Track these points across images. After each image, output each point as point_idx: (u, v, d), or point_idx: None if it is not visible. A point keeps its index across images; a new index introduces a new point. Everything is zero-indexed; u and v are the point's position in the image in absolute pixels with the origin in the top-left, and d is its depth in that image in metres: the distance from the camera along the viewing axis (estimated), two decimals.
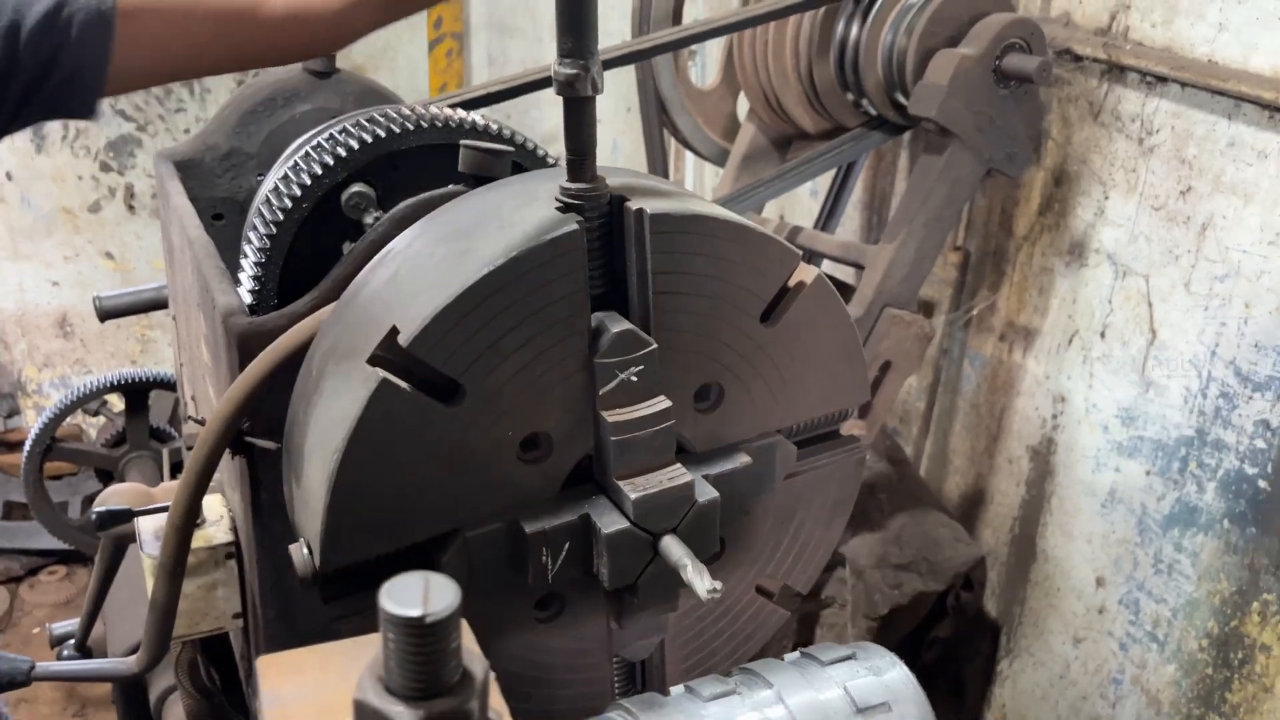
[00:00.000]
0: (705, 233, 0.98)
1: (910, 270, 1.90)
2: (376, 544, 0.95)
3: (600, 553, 0.97)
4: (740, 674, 0.80)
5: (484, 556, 0.98)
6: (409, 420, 0.92)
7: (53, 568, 3.39)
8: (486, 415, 0.94)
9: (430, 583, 0.46)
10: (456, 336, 0.90)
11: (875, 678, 0.77)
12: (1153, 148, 1.89)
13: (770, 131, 2.28)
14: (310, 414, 0.98)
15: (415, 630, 0.45)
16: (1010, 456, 2.33)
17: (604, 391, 0.97)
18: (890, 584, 2.07)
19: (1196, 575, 1.89)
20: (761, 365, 1.07)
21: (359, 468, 0.91)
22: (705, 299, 1.01)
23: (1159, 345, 1.92)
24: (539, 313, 0.93)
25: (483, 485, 0.97)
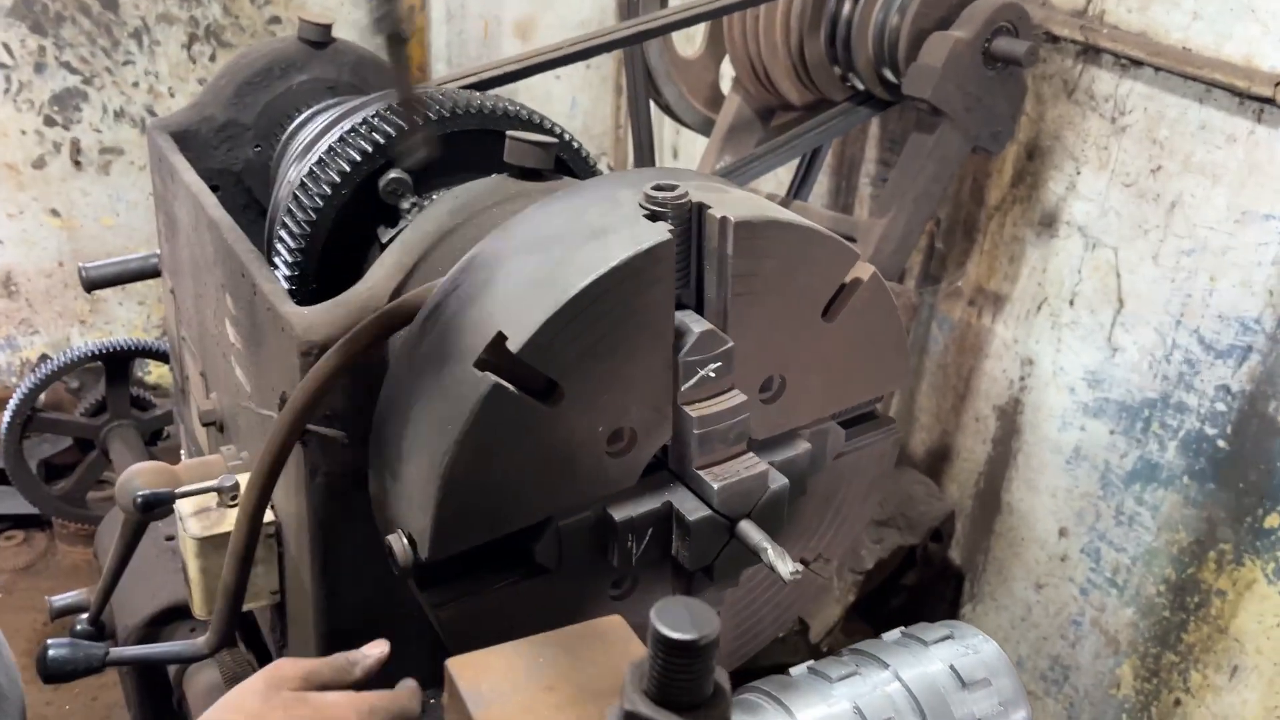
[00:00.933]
0: (779, 237, 1.05)
1: (900, 243, 1.99)
2: (479, 534, 1.01)
3: (682, 537, 1.04)
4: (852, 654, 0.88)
5: (574, 542, 1.05)
6: (514, 420, 0.97)
7: (10, 533, 3.33)
8: (581, 413, 1.00)
9: (693, 609, 0.52)
10: (559, 342, 0.95)
11: (975, 656, 0.86)
12: (1125, 127, 2.00)
13: (755, 102, 2.33)
14: (408, 413, 1.03)
15: (688, 651, 0.51)
16: (977, 415, 2.46)
17: (686, 387, 1.03)
18: (873, 539, 2.19)
19: (1156, 526, 2.05)
20: (819, 356, 1.14)
21: (467, 465, 0.96)
22: (775, 297, 1.07)
23: (1126, 313, 2.05)
24: (632, 317, 0.99)
25: (575, 477, 1.03)
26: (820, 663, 0.88)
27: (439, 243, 1.27)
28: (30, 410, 2.28)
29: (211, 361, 1.73)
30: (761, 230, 1.02)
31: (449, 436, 0.95)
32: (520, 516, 1.02)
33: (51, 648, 1.15)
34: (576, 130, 3.94)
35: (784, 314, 1.09)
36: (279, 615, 1.60)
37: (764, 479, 1.05)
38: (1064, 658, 2.30)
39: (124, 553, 1.70)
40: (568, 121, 3.89)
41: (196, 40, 3.34)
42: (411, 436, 1.01)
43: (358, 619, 1.43)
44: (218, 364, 1.68)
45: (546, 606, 1.06)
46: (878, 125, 2.63)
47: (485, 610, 1.04)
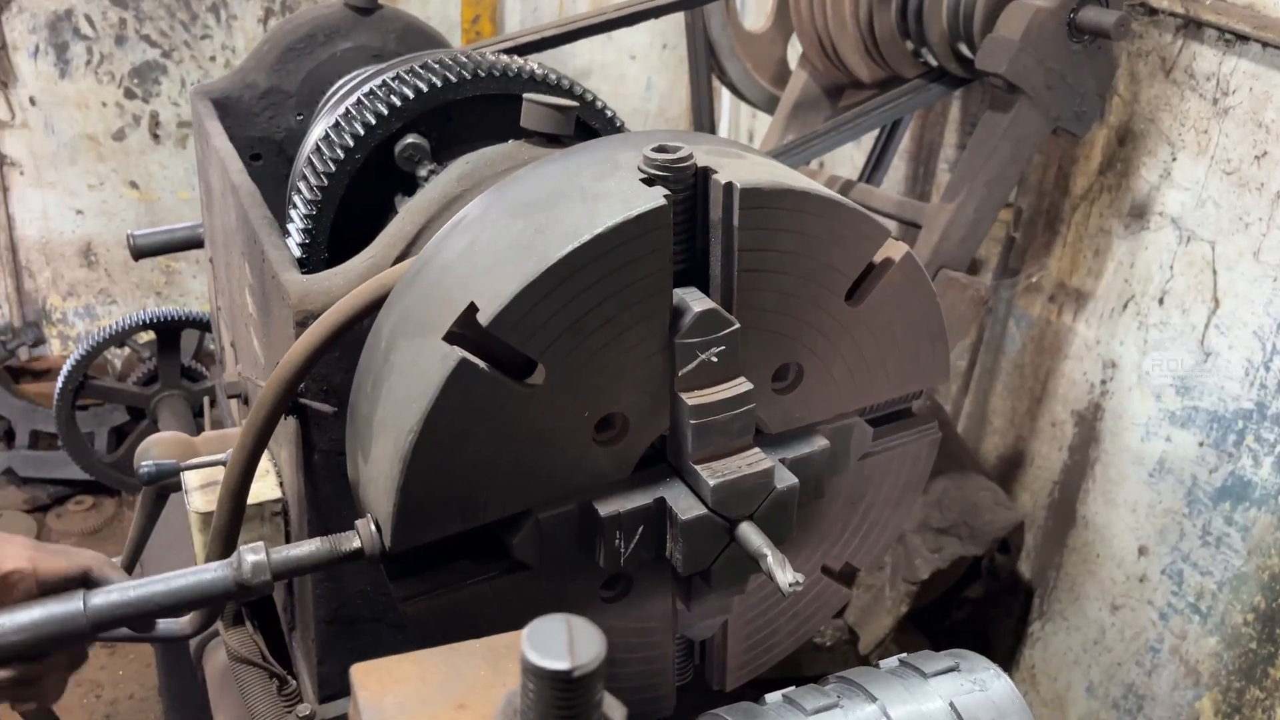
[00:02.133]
0: (795, 208, 0.93)
1: (969, 231, 1.84)
2: (448, 524, 0.93)
3: (675, 538, 0.94)
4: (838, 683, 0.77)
5: (555, 537, 0.96)
6: (486, 400, 0.88)
7: (80, 497, 3.40)
8: (564, 395, 0.91)
9: (574, 629, 0.43)
10: (537, 316, 0.86)
11: (981, 693, 0.74)
12: (1227, 109, 1.81)
13: (822, 79, 2.20)
14: (379, 388, 0.95)
15: (562, 684, 0.42)
16: (1054, 420, 2.29)
17: (683, 372, 0.93)
18: (931, 548, 2.05)
19: (1246, 550, 1.86)
20: (842, 344, 1.03)
21: (433, 448, 0.88)
22: (790, 276, 0.96)
23: (1222, 314, 1.86)
24: (621, 291, 0.89)
25: (557, 466, 0.94)
26: (798, 691, 0.77)
27: (443, 210, 1.19)
28: (83, 377, 2.29)
29: (239, 332, 1.69)
30: (773, 199, 0.91)
31: (414, 415, 0.87)
32: (495, 506, 0.94)
33: None
34: (651, 112, 3.84)
35: (802, 294, 0.98)
36: (290, 595, 1.55)
37: (768, 477, 0.94)
38: (1139, 686, 2.12)
39: (144, 523, 1.68)
40: (642, 103, 3.80)
41: (273, 14, 3.34)
42: (381, 414, 0.93)
43: (359, 608, 1.37)
44: (242, 335, 1.64)
45: (526, 607, 0.96)
46: (958, 108, 2.47)
47: (458, 607, 0.95)
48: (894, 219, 1.98)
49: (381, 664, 0.63)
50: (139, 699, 2.79)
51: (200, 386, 2.42)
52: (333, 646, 1.38)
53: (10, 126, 3.24)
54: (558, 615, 0.43)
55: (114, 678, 2.86)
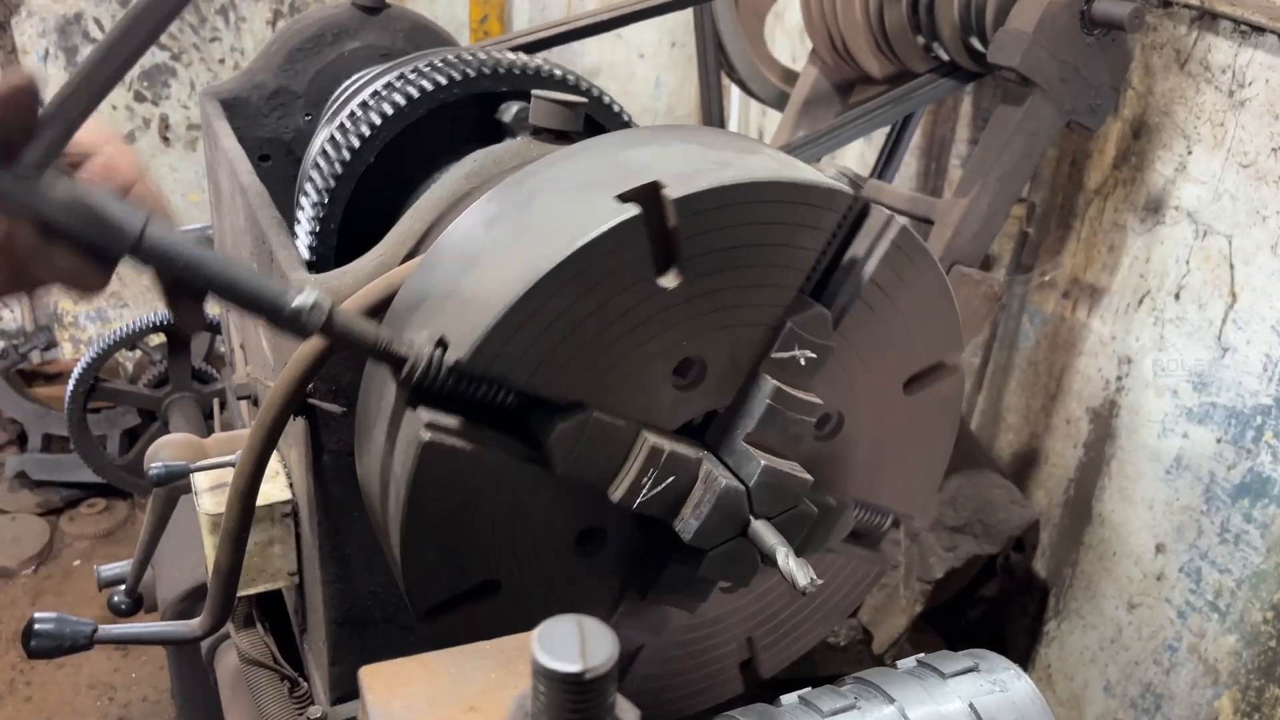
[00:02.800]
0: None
1: (982, 227, 1.83)
2: (516, 375, 0.89)
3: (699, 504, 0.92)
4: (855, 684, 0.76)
5: (595, 443, 0.91)
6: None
7: (92, 500, 3.41)
8: (686, 309, 0.90)
9: (585, 630, 0.42)
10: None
11: (1002, 693, 0.73)
12: (1244, 101, 1.79)
13: (832, 75, 2.18)
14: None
15: (574, 686, 0.41)
16: (1069, 417, 2.27)
17: (777, 354, 0.92)
18: (945, 547, 2.04)
19: (1265, 547, 1.84)
20: (884, 425, 1.02)
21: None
22: (886, 326, 0.96)
23: (1239, 309, 1.84)
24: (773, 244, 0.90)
25: (629, 378, 0.91)
26: (815, 692, 0.76)
27: (451, 208, 1.18)
28: (94, 380, 2.29)
29: (248, 334, 1.69)
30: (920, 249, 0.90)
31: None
32: (561, 385, 0.89)
33: (38, 622, 1.11)
34: (661, 110, 3.82)
35: (873, 359, 0.98)
36: (300, 597, 1.54)
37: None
38: (1157, 685, 2.10)
39: (155, 526, 1.67)
40: (652, 102, 3.78)
41: (281, 16, 3.34)
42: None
43: (369, 609, 1.36)
44: (251, 336, 1.64)
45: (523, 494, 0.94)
46: (970, 103, 2.45)
47: (476, 461, 0.92)
48: (906, 215, 1.96)
49: (390, 666, 0.62)
50: (152, 701, 2.79)
51: (211, 389, 2.42)
52: (344, 648, 1.37)
53: None
54: (569, 616, 0.42)
55: (127, 680, 2.87)
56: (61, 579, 3.17)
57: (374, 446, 0.96)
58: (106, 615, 1.81)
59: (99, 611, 3.04)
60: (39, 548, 3.20)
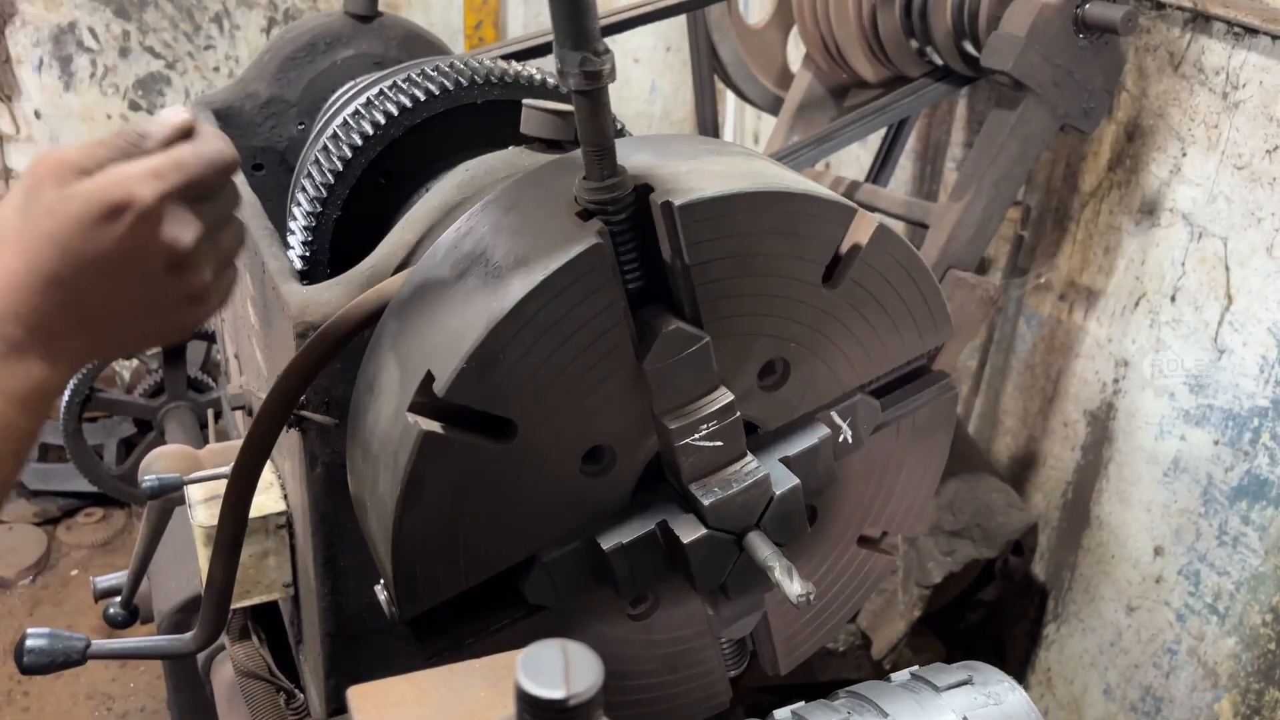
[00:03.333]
0: (743, 211, 0.90)
1: (977, 231, 1.82)
2: (452, 585, 0.91)
3: (684, 559, 0.92)
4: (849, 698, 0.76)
5: (566, 575, 0.94)
6: (463, 463, 0.86)
7: (89, 510, 3.40)
8: (543, 442, 0.89)
9: (570, 655, 0.41)
10: (494, 376, 0.85)
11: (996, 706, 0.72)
12: (1238, 103, 1.79)
13: (826, 80, 2.18)
14: (367, 451, 0.94)
15: (558, 714, 0.40)
16: (1066, 420, 2.27)
17: (659, 396, 0.91)
18: (943, 551, 2.03)
19: (1264, 549, 1.84)
20: (827, 329, 1.00)
21: (418, 520, 0.87)
22: (755, 277, 0.93)
23: (1235, 311, 1.84)
24: (576, 333, 0.86)
25: (551, 508, 0.92)
26: (807, 707, 0.75)
27: (444, 218, 1.17)
28: (89, 390, 2.29)
29: (242, 344, 1.68)
30: (716, 208, 0.88)
31: (392, 491, 0.86)
32: (497, 560, 0.92)
33: (30, 638, 1.10)
34: (655, 115, 3.82)
35: (773, 291, 0.95)
36: (296, 608, 1.54)
37: (765, 486, 0.92)
38: (1157, 689, 2.10)
39: (150, 537, 1.67)
40: (646, 106, 3.78)
41: (275, 24, 3.34)
42: (370, 475, 0.92)
43: (365, 621, 1.35)
44: (245, 346, 1.64)
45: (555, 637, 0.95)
46: (964, 107, 2.45)
47: (486, 654, 0.94)
48: (901, 219, 1.96)
49: (379, 686, 0.62)
50: (150, 711, 2.78)
51: (207, 398, 2.42)
52: (339, 660, 1.36)
53: (15, 140, 3.25)
54: (554, 641, 0.42)
55: (125, 690, 2.86)
56: (59, 588, 3.17)
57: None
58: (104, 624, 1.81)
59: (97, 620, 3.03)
60: (36, 557, 3.19)
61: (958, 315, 1.85)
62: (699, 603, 1.06)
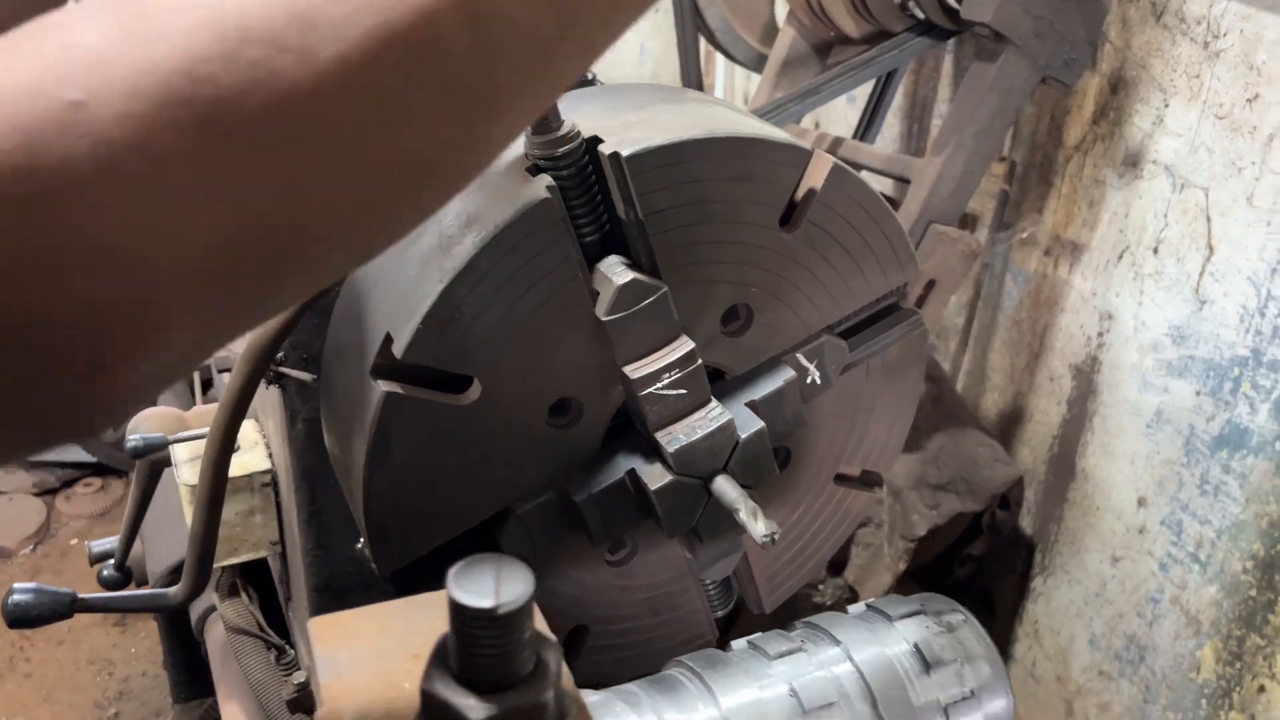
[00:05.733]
0: (693, 158, 0.90)
1: (958, 185, 1.82)
2: (427, 540, 0.93)
3: (654, 505, 0.94)
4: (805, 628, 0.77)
5: (541, 526, 0.96)
6: (427, 422, 0.88)
7: (88, 480, 3.43)
8: (506, 396, 0.90)
9: (501, 568, 0.43)
10: (451, 334, 0.86)
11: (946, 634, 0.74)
12: (1219, 52, 1.78)
13: (809, 36, 2.17)
14: (338, 409, 0.95)
15: (487, 622, 0.42)
16: (1052, 374, 2.28)
17: (620, 347, 0.92)
18: (928, 504, 2.05)
19: (1244, 497, 1.85)
20: (789, 272, 1.01)
21: (388, 479, 0.88)
22: (711, 224, 0.94)
23: (1216, 261, 1.84)
24: (531, 289, 0.87)
25: (521, 461, 0.93)
26: (763, 636, 0.77)
27: None
28: None
29: None
30: (664, 156, 0.88)
31: (360, 452, 0.87)
32: (471, 514, 0.94)
33: (15, 592, 1.12)
34: (646, 77, 3.81)
35: (729, 238, 0.96)
36: (284, 566, 1.56)
37: (729, 430, 0.94)
38: (1140, 637, 2.12)
39: (139, 499, 1.69)
40: (636, 69, 3.76)
41: None
42: (343, 434, 0.94)
43: (350, 576, 1.37)
44: None
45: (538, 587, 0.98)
46: (950, 63, 2.44)
47: None
48: (883, 174, 1.96)
49: (340, 617, 0.63)
50: (151, 675, 2.82)
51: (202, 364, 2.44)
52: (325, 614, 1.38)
53: None
54: (487, 555, 0.43)
55: (126, 655, 2.90)
56: (59, 558, 3.20)
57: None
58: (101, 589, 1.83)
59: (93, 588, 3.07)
60: (36, 527, 3.22)
61: (941, 269, 1.86)
62: (677, 547, 1.08)
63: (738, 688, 0.69)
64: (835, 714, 0.66)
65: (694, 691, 0.70)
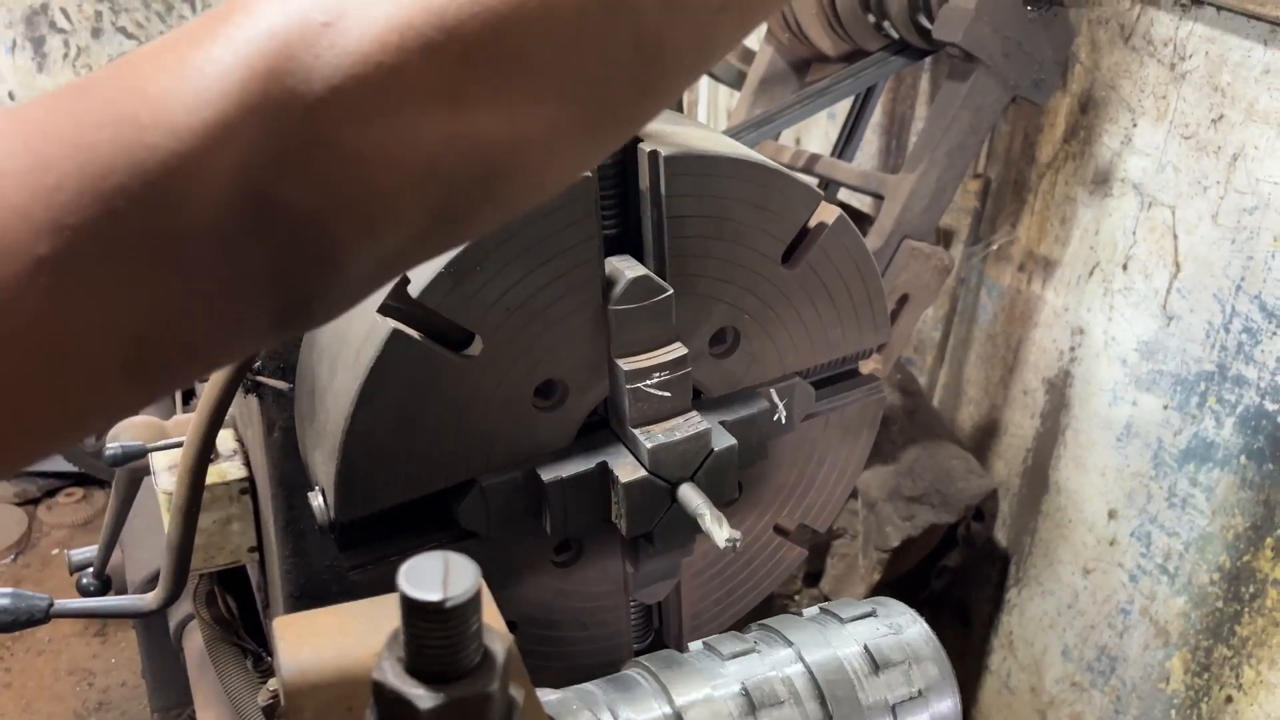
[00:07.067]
0: (724, 174, 0.95)
1: (931, 201, 1.86)
2: (392, 494, 0.95)
3: (619, 500, 0.96)
4: (759, 630, 0.80)
5: (501, 504, 0.98)
6: (422, 371, 0.90)
7: (69, 490, 3.43)
8: (501, 364, 0.93)
9: (450, 564, 0.45)
10: (468, 287, 0.88)
11: (895, 636, 0.76)
12: (1185, 73, 1.83)
13: (787, 54, 2.21)
14: (321, 359, 0.97)
15: (435, 615, 0.44)
16: (1025, 388, 2.31)
17: (618, 339, 0.95)
18: (902, 516, 2.08)
19: (1210, 510, 1.89)
20: (780, 308, 1.05)
21: (372, 419, 0.90)
22: (722, 242, 0.98)
23: (1183, 278, 1.88)
24: (551, 260, 0.90)
25: (498, 433, 0.96)
26: (718, 638, 0.79)
27: None
28: None
29: None
30: (700, 166, 0.93)
31: (352, 385, 0.89)
32: (439, 476, 0.96)
33: None
34: None
35: (735, 259, 1.00)
36: (263, 573, 1.57)
37: (705, 439, 0.96)
38: (1111, 648, 2.15)
39: (119, 508, 1.70)
40: None
41: None
42: (322, 384, 0.96)
43: (326, 583, 1.39)
44: None
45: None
46: (928, 81, 2.48)
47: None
48: (858, 190, 1.99)
49: (304, 616, 0.65)
50: (130, 686, 2.82)
51: None
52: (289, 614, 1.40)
53: None
54: (436, 552, 0.45)
55: (106, 666, 2.90)
56: (40, 567, 3.20)
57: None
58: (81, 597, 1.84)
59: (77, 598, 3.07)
60: (17, 537, 3.22)
61: (914, 283, 1.89)
62: (619, 562, 1.10)
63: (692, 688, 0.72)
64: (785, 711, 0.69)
65: (649, 690, 0.72)
